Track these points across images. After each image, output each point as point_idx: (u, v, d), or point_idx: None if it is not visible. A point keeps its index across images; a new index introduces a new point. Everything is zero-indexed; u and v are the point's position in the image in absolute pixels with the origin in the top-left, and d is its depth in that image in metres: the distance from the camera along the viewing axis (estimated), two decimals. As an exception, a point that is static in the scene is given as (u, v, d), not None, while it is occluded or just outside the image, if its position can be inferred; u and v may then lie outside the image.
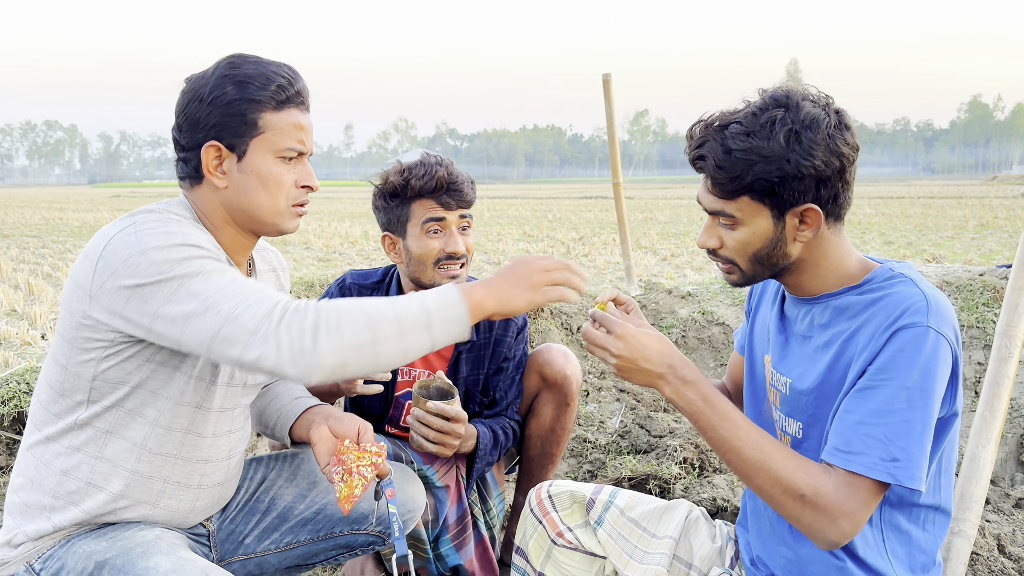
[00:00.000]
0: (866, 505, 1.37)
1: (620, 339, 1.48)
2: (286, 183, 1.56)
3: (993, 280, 4.53)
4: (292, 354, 1.32)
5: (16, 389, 2.93)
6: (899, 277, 1.44)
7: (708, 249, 1.54)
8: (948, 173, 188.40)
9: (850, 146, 1.41)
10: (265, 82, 1.51)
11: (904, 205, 30.36)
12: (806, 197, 1.41)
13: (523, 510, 1.87)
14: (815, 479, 1.37)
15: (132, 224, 1.44)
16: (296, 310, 1.35)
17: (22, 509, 1.57)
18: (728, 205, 1.45)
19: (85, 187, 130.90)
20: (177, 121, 1.56)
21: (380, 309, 1.37)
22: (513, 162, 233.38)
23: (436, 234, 2.20)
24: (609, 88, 5.88)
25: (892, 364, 1.35)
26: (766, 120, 1.39)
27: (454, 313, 1.39)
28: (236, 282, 1.39)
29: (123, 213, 1.67)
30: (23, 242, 16.35)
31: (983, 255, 12.43)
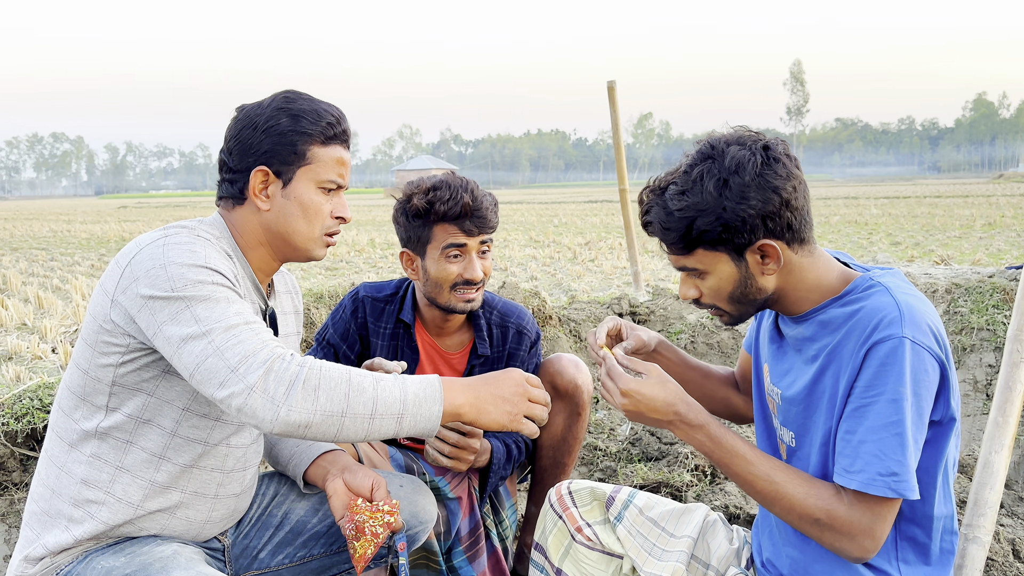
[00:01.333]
0: (881, 519, 1.40)
1: (624, 395, 1.55)
2: (323, 212, 1.67)
3: (1002, 282, 4.52)
4: (262, 400, 1.35)
5: (30, 406, 2.94)
6: (876, 287, 1.46)
7: (693, 300, 1.60)
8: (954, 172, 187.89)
9: (783, 178, 1.44)
10: (316, 118, 1.63)
11: (910, 205, 30.28)
12: (756, 235, 1.45)
13: (543, 506, 1.89)
14: (827, 502, 1.43)
15: (163, 237, 1.52)
16: (282, 359, 1.39)
17: (41, 519, 1.59)
18: (688, 260, 1.52)
19: (92, 198, 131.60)
20: (228, 145, 1.65)
21: (362, 384, 1.41)
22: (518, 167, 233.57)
23: (456, 259, 2.20)
24: (614, 95, 5.89)
25: (876, 379, 1.39)
26: (696, 175, 1.45)
27: (427, 412, 1.45)
28: (239, 315, 1.44)
29: (130, 224, 1.72)
30: (32, 255, 16.44)
31: (991, 254, 12.39)
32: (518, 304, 2.48)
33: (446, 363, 2.40)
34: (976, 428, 3.88)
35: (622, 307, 5.46)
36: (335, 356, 2.38)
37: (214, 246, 1.55)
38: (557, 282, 10.72)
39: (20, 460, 2.89)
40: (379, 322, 2.37)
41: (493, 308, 2.42)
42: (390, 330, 2.36)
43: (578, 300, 5.80)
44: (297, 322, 1.94)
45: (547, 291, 9.20)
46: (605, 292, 8.70)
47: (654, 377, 1.57)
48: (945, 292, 4.55)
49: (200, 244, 1.51)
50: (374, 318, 2.38)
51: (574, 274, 11.57)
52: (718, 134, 1.51)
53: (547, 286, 10.12)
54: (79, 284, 10.30)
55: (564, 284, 10.40)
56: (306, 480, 1.87)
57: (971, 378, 4.11)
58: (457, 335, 2.40)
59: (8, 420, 2.90)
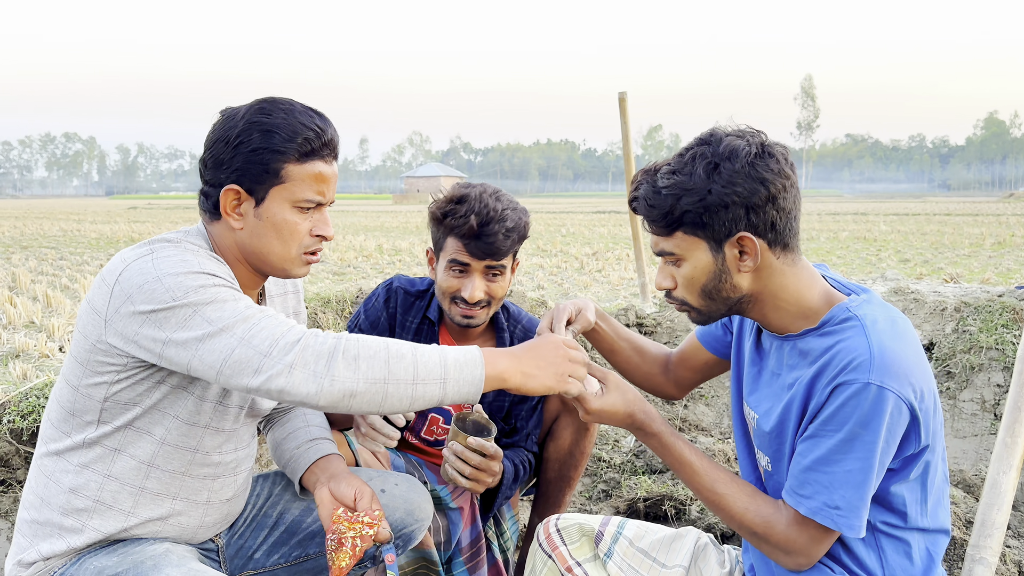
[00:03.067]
0: (815, 542, 1.47)
1: (590, 413, 1.63)
2: (300, 232, 1.59)
3: (1012, 301, 4.49)
4: (304, 375, 1.35)
5: (36, 403, 2.96)
6: (851, 320, 1.45)
7: (665, 291, 1.60)
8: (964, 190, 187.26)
9: (774, 172, 1.44)
10: (292, 134, 1.53)
11: (920, 222, 30.20)
12: (738, 226, 1.45)
13: (532, 544, 1.87)
14: (765, 518, 1.51)
15: (150, 251, 1.47)
16: (314, 334, 1.39)
17: (32, 527, 1.58)
18: (667, 242, 1.52)
19: (103, 199, 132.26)
20: (204, 156, 1.59)
21: (401, 351, 1.40)
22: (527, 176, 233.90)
23: (459, 274, 2.18)
24: (625, 107, 5.90)
25: (835, 417, 1.41)
26: (689, 157, 1.47)
27: (470, 375, 1.44)
28: (251, 307, 1.42)
29: (140, 225, 1.71)
30: (41, 253, 16.51)
31: (1000, 274, 12.33)
32: None
33: None
34: (984, 448, 3.85)
35: (629, 318, 5.45)
36: None
37: (204, 252, 1.53)
38: (564, 292, 10.71)
39: (25, 458, 2.90)
40: (407, 315, 2.36)
41: (518, 322, 2.40)
42: (416, 326, 2.35)
43: (585, 310, 5.79)
44: (296, 301, 1.93)
45: (553, 300, 9.19)
46: (612, 303, 8.68)
47: (612, 389, 1.63)
48: (954, 311, 4.53)
49: (191, 253, 1.48)
50: (403, 310, 2.37)
51: (581, 284, 11.56)
52: (721, 126, 1.52)
53: (553, 295, 10.11)
54: (87, 283, 10.34)
55: (571, 294, 10.39)
56: (302, 485, 1.86)
57: (979, 397, 4.08)
58: (479, 342, 2.38)
59: (14, 418, 2.91)
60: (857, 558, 1.51)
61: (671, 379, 2.00)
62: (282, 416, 1.98)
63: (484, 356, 1.46)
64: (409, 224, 31.60)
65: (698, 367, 1.95)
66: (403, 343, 1.43)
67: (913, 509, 1.50)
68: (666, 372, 2.00)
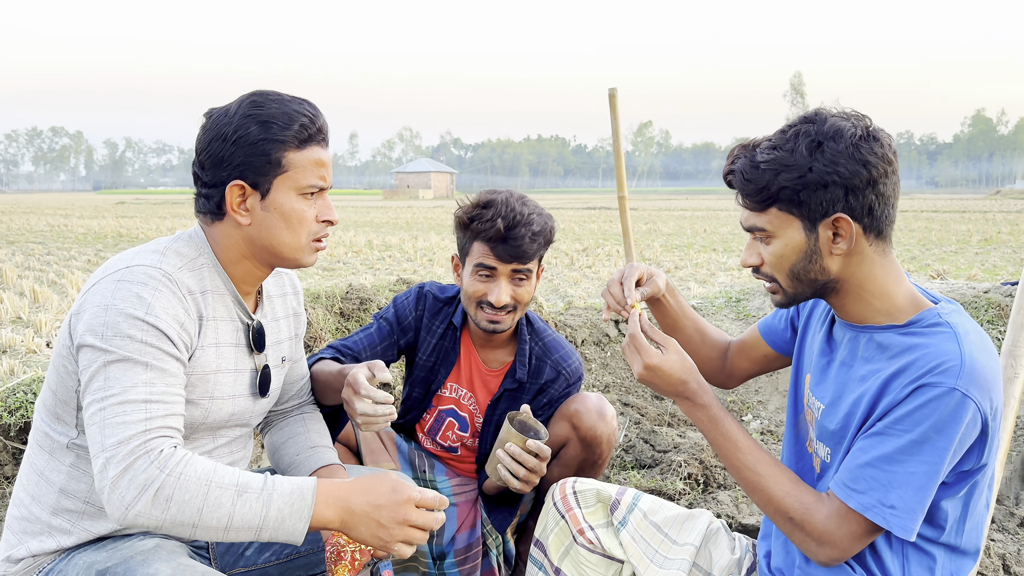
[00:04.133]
0: (854, 538, 1.44)
1: (646, 368, 1.60)
2: (308, 219, 1.60)
3: (997, 298, 4.54)
4: (113, 497, 1.35)
5: (23, 399, 2.94)
6: (943, 326, 1.43)
7: (752, 268, 1.57)
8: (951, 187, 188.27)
9: (878, 156, 1.42)
10: (288, 121, 1.54)
11: (907, 219, 30.35)
12: (835, 207, 1.43)
13: (545, 503, 1.88)
14: (805, 505, 1.48)
15: (126, 270, 1.48)
16: (147, 455, 1.36)
17: (22, 524, 1.58)
18: (760, 218, 1.50)
19: (90, 193, 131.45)
20: (199, 158, 1.57)
21: (219, 501, 1.36)
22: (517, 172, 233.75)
23: (485, 279, 2.18)
24: (615, 103, 5.89)
25: (910, 417, 1.38)
26: (792, 134, 1.44)
27: (291, 528, 1.39)
28: (145, 387, 1.41)
29: (128, 220, 1.70)
30: (28, 248, 16.40)
31: (987, 270, 12.42)
32: (568, 344, 2.41)
33: (481, 378, 2.39)
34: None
35: (618, 314, 5.46)
36: (389, 335, 2.35)
37: (168, 289, 1.48)
38: (554, 288, 10.72)
39: (13, 454, 2.89)
40: (434, 320, 2.37)
41: (541, 339, 2.38)
42: (441, 331, 2.36)
43: (575, 306, 5.81)
44: (296, 324, 1.91)
45: (544, 296, 9.20)
46: (601, 299, 8.70)
47: (672, 352, 1.61)
48: (940, 306, 4.57)
49: (151, 289, 1.46)
50: (431, 315, 2.37)
51: (571, 280, 11.57)
52: (826, 107, 1.49)
53: (544, 291, 10.12)
54: (75, 279, 10.27)
55: (561, 290, 10.40)
56: None
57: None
58: (499, 353, 2.38)
59: (1, 413, 2.89)
60: (882, 563, 1.49)
61: (728, 367, 1.98)
62: (280, 419, 1.97)
63: (314, 509, 1.40)
64: (399, 220, 31.54)
65: (757, 359, 1.93)
66: (230, 484, 1.37)
67: (951, 526, 1.48)
68: (724, 359, 1.98)
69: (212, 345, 1.60)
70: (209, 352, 1.59)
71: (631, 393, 4.80)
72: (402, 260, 14.52)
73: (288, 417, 1.97)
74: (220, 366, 1.61)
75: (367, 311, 4.37)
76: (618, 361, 5.14)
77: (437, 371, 2.38)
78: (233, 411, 1.66)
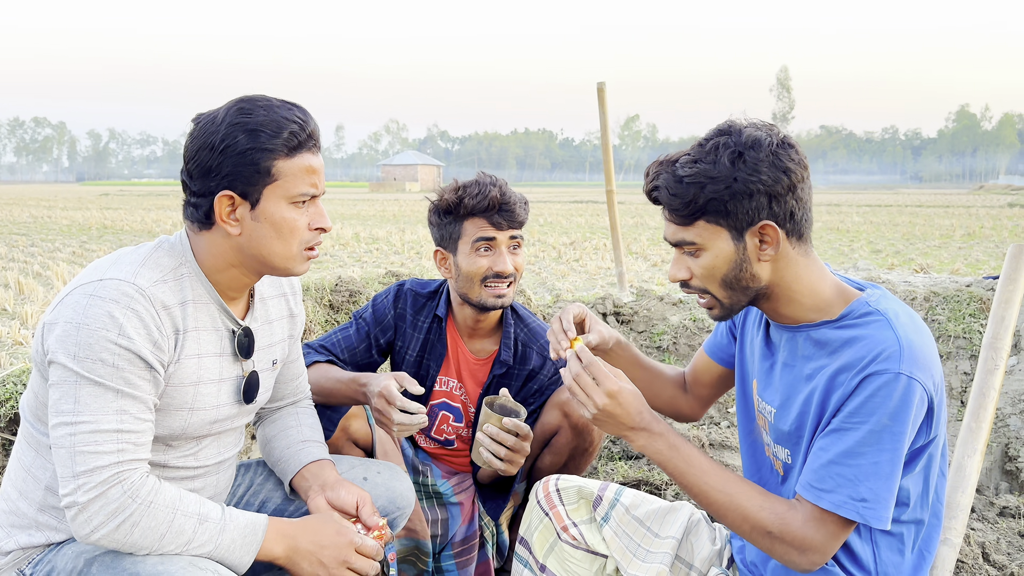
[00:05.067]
0: (833, 538, 1.45)
1: (609, 395, 1.56)
2: (299, 228, 1.57)
3: (979, 291, 4.60)
4: (81, 520, 1.40)
5: (13, 390, 2.94)
6: (874, 315, 1.47)
7: (681, 282, 1.59)
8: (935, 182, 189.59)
9: (795, 162, 1.46)
10: (277, 129, 1.50)
11: (892, 213, 30.57)
12: (760, 214, 1.46)
13: (529, 501, 1.90)
14: (780, 516, 1.47)
15: (99, 284, 1.45)
16: (120, 484, 1.41)
17: (11, 519, 1.58)
18: (688, 232, 1.52)
19: (73, 185, 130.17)
20: (187, 167, 1.53)
21: (182, 529, 1.45)
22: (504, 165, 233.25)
23: (486, 252, 2.22)
24: (603, 97, 5.92)
25: (863, 408, 1.41)
26: (711, 147, 1.47)
27: (238, 559, 1.51)
28: (116, 416, 1.43)
29: (112, 212, 1.68)
30: (12, 240, 16.26)
31: (969, 264, 12.54)
32: None
33: (469, 368, 2.41)
34: (950, 434, 3.94)
35: (606, 307, 5.49)
36: (367, 335, 2.40)
37: (141, 306, 1.46)
38: (541, 281, 10.74)
39: (2, 444, 2.88)
40: (418, 316, 2.40)
41: (526, 324, 2.41)
42: (427, 325, 2.39)
43: (563, 299, 5.84)
44: (292, 325, 1.88)
45: (532, 290, 9.23)
46: (589, 292, 8.74)
47: (626, 380, 1.59)
48: (924, 300, 4.62)
49: (122, 307, 1.43)
50: (414, 311, 2.40)
51: (558, 273, 11.60)
52: (736, 118, 1.53)
53: (531, 284, 10.14)
54: (60, 271, 10.21)
55: (548, 283, 10.43)
56: (292, 487, 1.86)
57: (947, 385, 4.18)
58: (486, 342, 2.41)
59: (-9, 404, 2.89)
60: (853, 553, 1.53)
61: (689, 399, 1.99)
62: (272, 413, 1.97)
63: (264, 540, 1.52)
64: (386, 212, 31.45)
65: (712, 381, 1.94)
66: (193, 513, 1.47)
67: (914, 502, 1.52)
68: (685, 393, 2.00)
69: (193, 356, 1.57)
70: (189, 364, 1.56)
71: (618, 385, 4.83)
72: (389, 253, 14.50)
73: (280, 411, 1.97)
74: (201, 377, 1.59)
75: (356, 303, 4.38)
76: (606, 354, 5.17)
77: (428, 366, 2.39)
78: (216, 419, 1.65)
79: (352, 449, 2.26)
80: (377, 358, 2.43)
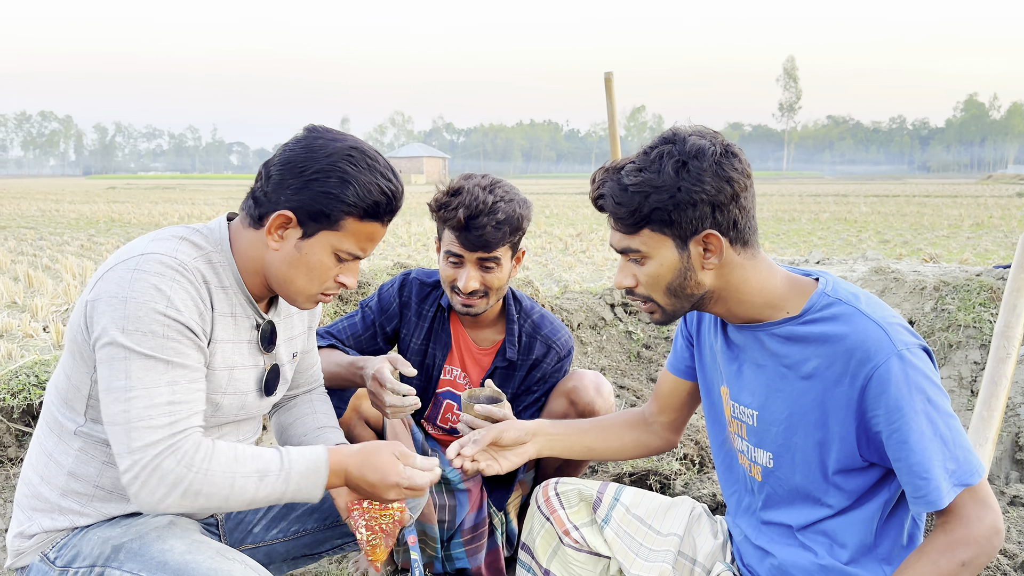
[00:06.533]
0: (982, 503, 1.41)
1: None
2: (328, 276, 1.60)
3: (990, 280, 4.58)
4: (144, 494, 1.41)
5: (26, 382, 2.96)
6: (838, 304, 1.48)
7: (626, 290, 1.60)
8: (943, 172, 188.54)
9: (739, 171, 1.47)
10: (366, 193, 1.52)
11: (900, 203, 30.44)
12: (704, 223, 1.47)
13: (530, 507, 1.90)
14: (949, 548, 1.40)
15: (140, 258, 1.47)
16: (174, 454, 1.42)
17: (33, 503, 1.60)
18: (633, 240, 1.53)
19: (80, 178, 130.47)
20: (270, 169, 1.55)
21: (244, 488, 1.47)
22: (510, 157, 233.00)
23: (453, 265, 2.22)
24: (611, 87, 5.89)
25: (898, 399, 1.40)
26: (655, 156, 1.48)
27: (306, 496, 1.53)
28: (168, 388, 1.43)
29: (119, 205, 1.69)
30: (20, 234, 16.32)
31: (979, 254, 12.49)
32: (556, 319, 2.45)
33: (473, 357, 2.43)
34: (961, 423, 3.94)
35: (614, 298, 5.50)
36: (372, 324, 2.42)
37: (186, 279, 1.49)
38: (548, 272, 10.74)
39: (16, 435, 2.91)
40: (423, 305, 2.41)
41: (529, 316, 2.41)
42: (432, 314, 2.40)
43: (570, 290, 5.84)
44: (311, 317, 1.92)
45: (539, 281, 9.23)
46: (596, 283, 8.73)
47: None
48: (933, 289, 4.61)
49: (168, 280, 1.45)
50: (419, 300, 2.42)
51: (565, 265, 11.59)
52: (681, 126, 1.54)
53: (539, 276, 10.14)
54: (69, 263, 10.24)
55: (555, 275, 10.43)
56: None
57: (956, 375, 4.17)
58: (488, 332, 2.42)
59: (4, 396, 2.91)
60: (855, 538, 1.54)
61: (659, 431, 1.95)
62: (287, 401, 2.00)
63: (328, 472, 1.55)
64: (392, 205, 31.38)
65: (683, 401, 1.91)
66: (252, 473, 1.48)
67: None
68: (649, 429, 1.96)
69: (229, 341, 1.60)
70: (226, 348, 1.59)
71: (627, 376, 4.84)
72: (396, 245, 14.51)
73: (296, 399, 1.99)
74: (235, 362, 1.62)
75: (364, 294, 4.40)
76: (614, 345, 5.18)
77: (432, 355, 2.41)
78: (242, 405, 1.68)
79: (363, 428, 2.28)
80: (383, 346, 2.45)
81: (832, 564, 1.54)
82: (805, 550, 1.57)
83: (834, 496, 1.54)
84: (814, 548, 1.56)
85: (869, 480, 1.52)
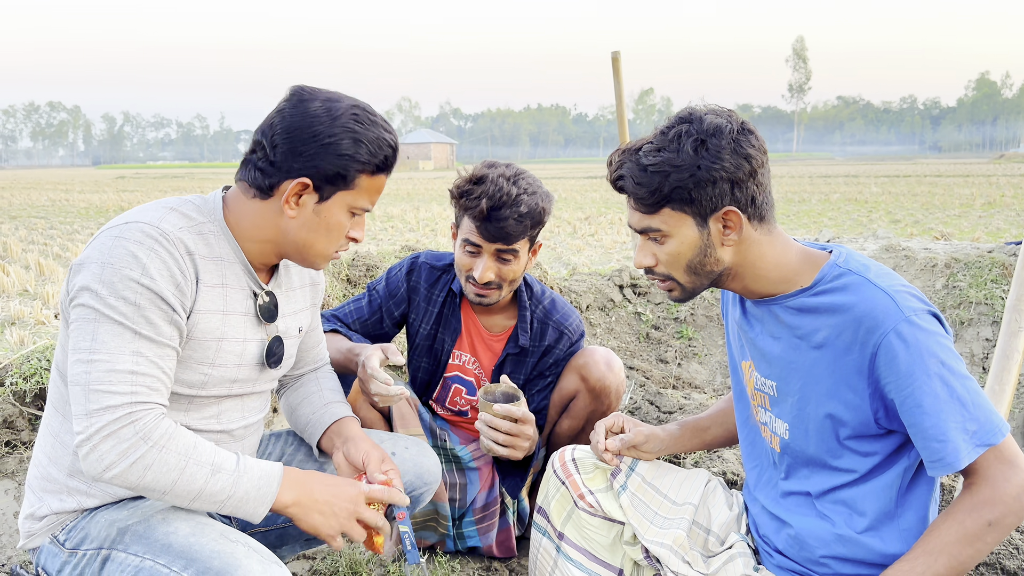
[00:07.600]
0: (1008, 462, 1.39)
1: None
2: (343, 233, 1.64)
3: (1002, 257, 4.55)
4: (93, 458, 1.39)
5: (38, 366, 2.98)
6: (848, 275, 1.49)
7: (646, 269, 1.61)
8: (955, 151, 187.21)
9: (756, 148, 1.48)
10: (377, 149, 1.57)
11: (911, 183, 30.23)
12: (724, 200, 1.48)
13: (546, 472, 1.92)
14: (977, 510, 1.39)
15: (124, 226, 1.48)
16: (133, 423, 1.40)
17: (43, 485, 1.61)
18: (653, 220, 1.54)
19: (89, 168, 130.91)
20: (274, 136, 1.55)
21: (194, 476, 1.44)
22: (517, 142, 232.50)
23: (470, 254, 2.20)
24: (618, 66, 5.86)
25: (911, 367, 1.39)
26: (673, 135, 1.49)
27: (252, 510, 1.49)
28: (132, 357, 1.43)
29: (128, 194, 1.70)
30: (31, 223, 16.40)
31: (990, 233, 12.40)
32: (566, 303, 2.44)
33: (484, 343, 2.42)
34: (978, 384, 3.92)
35: (623, 279, 5.48)
36: (379, 308, 2.40)
37: (164, 249, 1.48)
38: (557, 255, 10.74)
39: (29, 419, 2.93)
40: (433, 289, 2.39)
41: (540, 303, 2.40)
42: (441, 299, 2.38)
43: (579, 272, 5.83)
44: (314, 294, 1.92)
45: (548, 264, 9.22)
46: (605, 265, 8.72)
47: None
48: (944, 266, 4.58)
49: (146, 248, 1.45)
50: (428, 284, 2.40)
51: (574, 248, 11.58)
52: (696, 105, 1.55)
53: (547, 259, 10.14)
54: (79, 252, 10.30)
55: (564, 258, 10.42)
56: (321, 449, 1.89)
57: (968, 352, 4.15)
58: (499, 318, 2.40)
59: (16, 380, 2.93)
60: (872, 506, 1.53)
61: None
62: (294, 381, 2.00)
63: (280, 489, 1.52)
64: (400, 191, 31.45)
65: None
66: (207, 461, 1.46)
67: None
68: None
69: (218, 312, 1.59)
70: (214, 319, 1.58)
71: (636, 357, 4.84)
72: (404, 230, 14.52)
73: (302, 378, 2.00)
74: (225, 334, 1.61)
75: (373, 277, 4.40)
76: (623, 326, 5.18)
77: (442, 340, 2.40)
78: (235, 378, 1.67)
79: (368, 410, 2.28)
80: (391, 330, 2.44)
81: (848, 534, 1.54)
82: (823, 519, 1.57)
83: (849, 459, 1.53)
84: (832, 517, 1.56)
85: (887, 447, 1.51)
